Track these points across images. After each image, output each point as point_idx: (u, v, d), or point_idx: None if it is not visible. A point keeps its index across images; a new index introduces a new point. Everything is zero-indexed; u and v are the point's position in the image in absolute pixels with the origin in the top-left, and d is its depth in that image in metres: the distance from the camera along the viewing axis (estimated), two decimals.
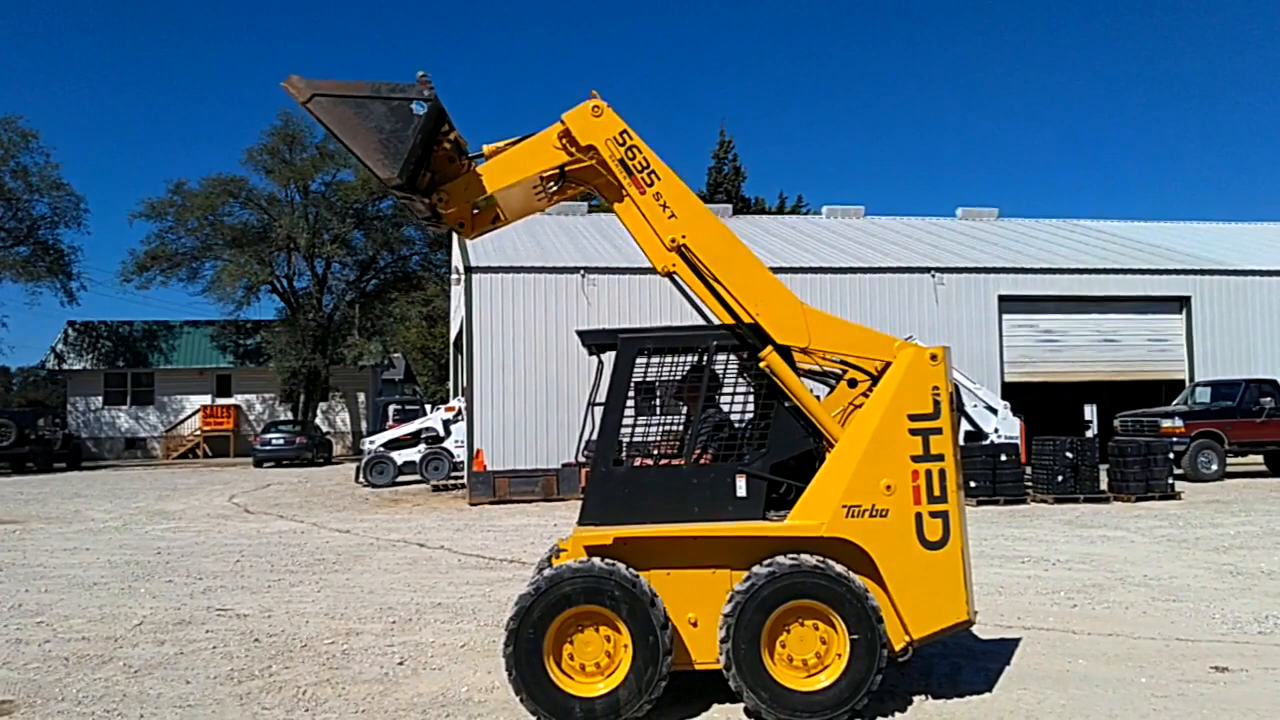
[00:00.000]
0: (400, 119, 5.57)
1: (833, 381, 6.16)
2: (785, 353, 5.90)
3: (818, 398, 5.99)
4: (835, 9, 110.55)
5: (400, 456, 24.42)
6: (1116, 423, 21.87)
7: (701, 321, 6.27)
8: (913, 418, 5.72)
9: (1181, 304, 25.50)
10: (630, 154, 5.98)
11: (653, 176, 6.01)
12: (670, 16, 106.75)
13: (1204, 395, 22.08)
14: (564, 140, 6.04)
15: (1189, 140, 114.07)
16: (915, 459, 5.69)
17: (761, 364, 5.84)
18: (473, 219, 6.44)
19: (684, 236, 6.00)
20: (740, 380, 6.20)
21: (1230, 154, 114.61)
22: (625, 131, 5.99)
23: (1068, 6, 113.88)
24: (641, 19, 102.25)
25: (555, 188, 6.46)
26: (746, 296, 5.98)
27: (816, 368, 6.07)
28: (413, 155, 5.57)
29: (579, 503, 6.12)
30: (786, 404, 5.90)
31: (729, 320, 6.02)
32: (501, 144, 6.15)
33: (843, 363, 6.00)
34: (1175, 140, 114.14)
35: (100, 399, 44.13)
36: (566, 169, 6.21)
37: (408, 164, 5.57)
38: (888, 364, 5.88)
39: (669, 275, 6.15)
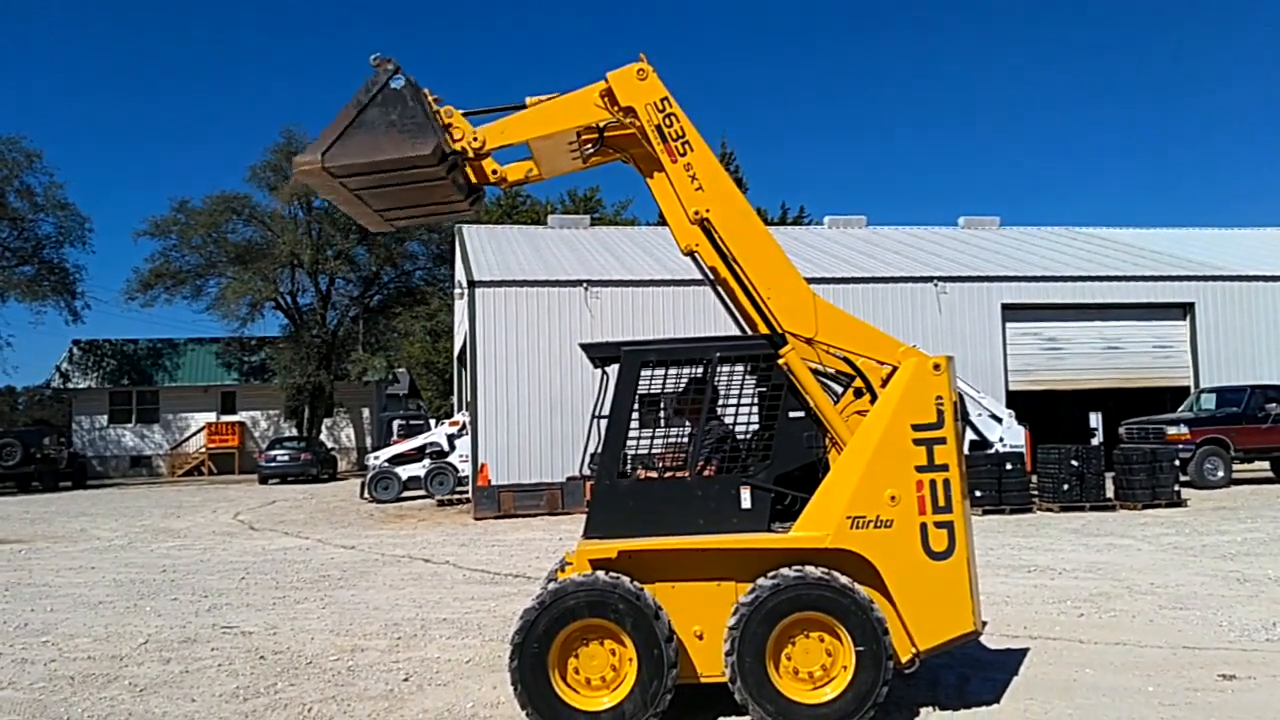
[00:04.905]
0: (394, 102, 5.71)
1: (837, 389, 6.14)
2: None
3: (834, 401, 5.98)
4: (835, 20, 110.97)
5: (405, 472, 24.42)
6: (1122, 430, 21.81)
7: (726, 300, 6.34)
8: (916, 428, 5.70)
9: (1185, 310, 25.47)
10: (668, 121, 6.03)
11: (686, 147, 6.05)
12: (669, 29, 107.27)
13: (1209, 402, 22.01)
14: (605, 99, 6.09)
15: (1191, 146, 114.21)
16: (919, 469, 5.67)
17: (780, 362, 5.84)
18: (506, 170, 6.54)
19: (708, 210, 6.04)
20: (744, 391, 6.19)
21: (1233, 159, 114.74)
22: (666, 99, 6.04)
23: (1069, 14, 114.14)
24: (640, 32, 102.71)
25: (592, 150, 6.49)
26: (761, 278, 6.01)
27: (819, 366, 6.06)
28: (430, 119, 5.70)
29: (584, 516, 6.12)
30: (791, 415, 5.89)
31: (746, 304, 6.04)
32: (544, 97, 6.21)
33: (845, 360, 5.99)
34: (1177, 147, 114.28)
35: (105, 417, 44.25)
36: (606, 132, 6.29)
37: (434, 127, 5.69)
38: (892, 371, 5.87)
39: (691, 254, 6.20)
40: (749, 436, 6.19)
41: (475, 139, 6.04)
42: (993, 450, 18.67)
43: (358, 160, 5.67)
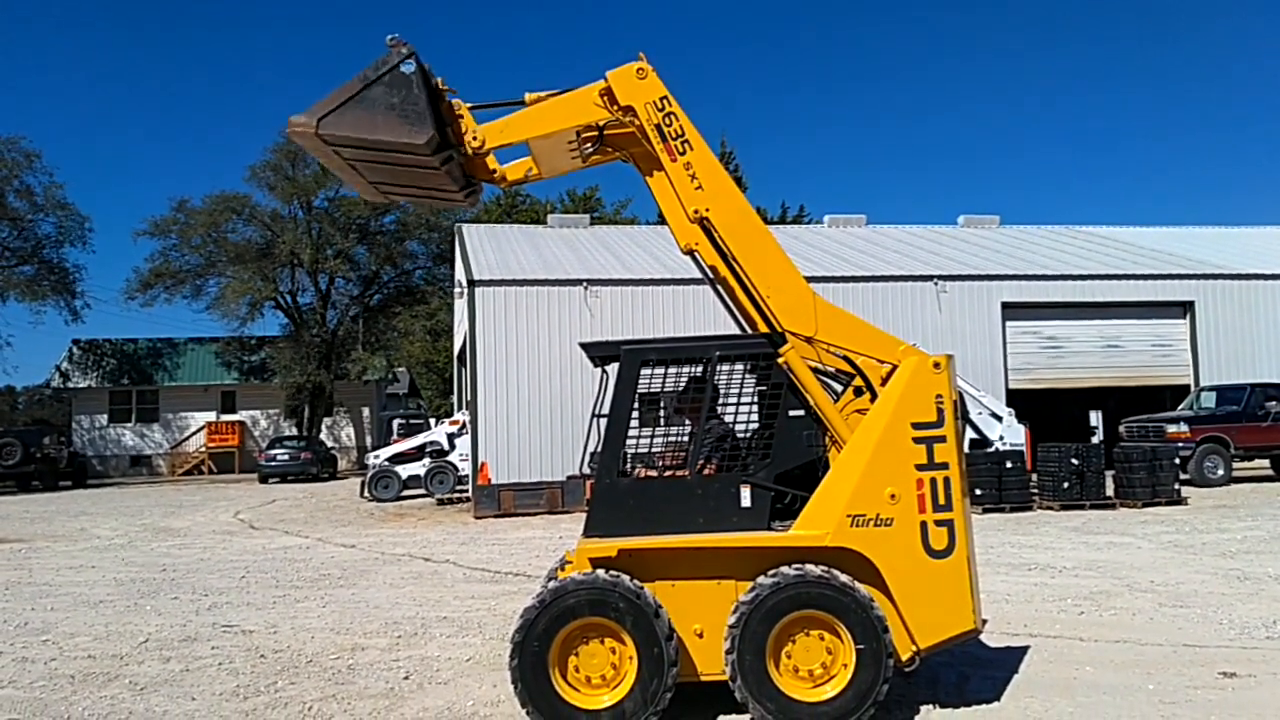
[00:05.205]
0: (400, 85, 5.66)
1: (837, 387, 6.14)
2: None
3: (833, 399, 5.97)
4: (835, 19, 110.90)
5: (405, 471, 24.42)
6: (1122, 428, 21.81)
7: (725, 299, 6.34)
8: (916, 426, 5.70)
9: (1185, 309, 25.48)
10: (668, 120, 6.01)
11: (685, 146, 6.04)
12: (669, 27, 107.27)
13: (1209, 400, 22.01)
14: (604, 98, 6.07)
15: (1191, 145, 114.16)
16: (920, 467, 5.67)
17: (780, 361, 5.84)
18: (506, 169, 6.52)
19: (708, 209, 6.02)
20: (744, 390, 6.19)
21: (1233, 158, 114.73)
22: (666, 98, 6.02)
23: (1067, 13, 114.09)
24: (640, 29, 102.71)
25: (591, 149, 6.48)
26: (761, 277, 6.00)
27: (819, 364, 6.06)
28: (431, 109, 5.66)
29: (584, 515, 6.12)
30: (791, 413, 5.89)
31: (746, 303, 6.04)
32: (543, 94, 6.18)
33: (845, 359, 5.99)
34: (1177, 145, 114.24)
35: (105, 417, 44.27)
36: (605, 131, 6.28)
37: (433, 117, 5.66)
38: (892, 369, 5.87)
39: (690, 253, 6.19)
40: (749, 435, 6.19)
41: (475, 138, 6.04)
42: (993, 449, 18.67)
43: (351, 134, 5.66)
